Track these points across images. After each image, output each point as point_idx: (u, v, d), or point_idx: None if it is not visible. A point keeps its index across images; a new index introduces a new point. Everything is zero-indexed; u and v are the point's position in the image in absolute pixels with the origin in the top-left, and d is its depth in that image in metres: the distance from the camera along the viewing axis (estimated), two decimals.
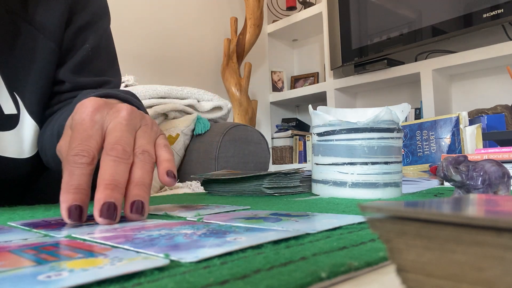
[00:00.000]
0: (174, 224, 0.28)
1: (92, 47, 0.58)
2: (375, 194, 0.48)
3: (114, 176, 0.31)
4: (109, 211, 0.29)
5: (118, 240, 0.22)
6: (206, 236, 0.22)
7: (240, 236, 0.22)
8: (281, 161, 2.60)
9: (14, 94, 0.52)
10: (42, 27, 0.53)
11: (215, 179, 0.61)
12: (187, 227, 0.26)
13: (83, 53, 0.57)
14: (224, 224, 0.27)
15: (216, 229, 0.25)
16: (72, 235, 0.25)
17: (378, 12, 2.02)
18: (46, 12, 0.53)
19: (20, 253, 0.19)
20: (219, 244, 0.20)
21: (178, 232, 0.24)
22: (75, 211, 0.30)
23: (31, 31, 0.52)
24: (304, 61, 2.83)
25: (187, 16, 2.26)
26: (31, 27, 0.52)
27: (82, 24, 0.57)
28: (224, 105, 1.40)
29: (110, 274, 0.15)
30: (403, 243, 0.13)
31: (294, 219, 0.29)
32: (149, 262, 0.17)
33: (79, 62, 0.57)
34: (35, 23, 0.52)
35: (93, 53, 0.58)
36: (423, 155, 0.98)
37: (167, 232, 0.24)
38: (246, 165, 1.27)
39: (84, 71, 0.58)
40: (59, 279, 0.15)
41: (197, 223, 0.28)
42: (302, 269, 0.16)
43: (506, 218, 0.10)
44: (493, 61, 1.73)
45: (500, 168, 0.41)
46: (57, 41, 0.54)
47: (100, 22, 0.60)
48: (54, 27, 0.54)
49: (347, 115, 0.57)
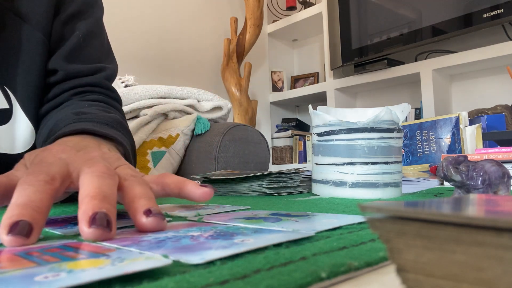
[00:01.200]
0: (181, 226, 0.27)
1: (83, 34, 0.57)
2: (375, 194, 0.48)
3: (101, 188, 0.25)
4: (102, 219, 0.22)
5: (124, 242, 0.22)
6: (213, 238, 0.22)
7: (248, 238, 0.22)
8: (281, 161, 2.60)
9: (4, 88, 0.51)
10: (28, 18, 0.52)
11: (215, 179, 0.61)
12: (194, 229, 0.26)
13: (74, 40, 0.56)
14: (231, 225, 0.27)
15: (224, 231, 0.25)
16: (79, 236, 0.25)
17: (378, 12, 2.02)
18: (33, 2, 0.52)
19: (24, 255, 0.19)
20: (226, 246, 0.20)
21: (185, 234, 0.24)
22: (22, 225, 0.22)
23: (17, 22, 0.51)
24: (304, 61, 2.83)
25: (187, 16, 2.26)
26: (17, 18, 0.51)
27: (71, 13, 0.56)
28: (224, 105, 1.40)
29: (109, 275, 0.15)
30: (403, 243, 0.13)
31: (294, 219, 0.29)
32: (150, 262, 0.17)
33: (71, 49, 0.56)
34: (20, 14, 0.51)
35: (85, 40, 0.57)
36: (423, 155, 0.98)
37: (174, 234, 0.24)
38: (246, 165, 1.27)
39: (77, 58, 0.56)
40: (56, 280, 0.14)
41: (204, 225, 0.28)
42: (302, 269, 0.16)
43: (506, 218, 0.10)
44: (493, 61, 1.73)
45: (500, 168, 0.41)
46: (45, 31, 0.53)
47: (90, 11, 0.59)
48: (41, 17, 0.53)
49: (347, 115, 0.57)
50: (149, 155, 1.20)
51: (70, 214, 0.37)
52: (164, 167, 1.21)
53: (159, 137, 1.24)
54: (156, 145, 1.22)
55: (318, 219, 0.29)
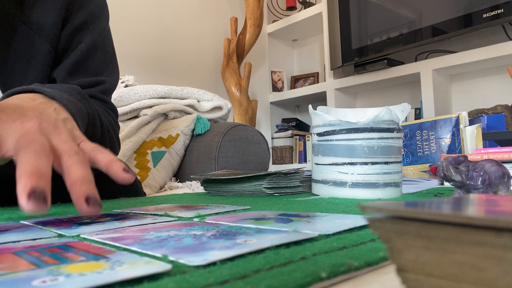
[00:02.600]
0: (183, 225, 0.27)
1: (87, 47, 0.58)
2: (375, 194, 0.48)
3: (38, 166, 0.28)
4: (39, 195, 0.26)
5: (126, 241, 0.22)
6: (215, 238, 0.22)
7: (250, 238, 0.22)
8: (281, 161, 2.60)
9: None
10: (38, 28, 0.53)
11: (215, 179, 0.61)
12: (197, 228, 0.25)
13: (77, 53, 0.57)
14: (234, 225, 0.27)
15: (226, 231, 0.24)
16: (81, 235, 0.25)
17: (378, 12, 2.02)
18: (43, 12, 0.53)
19: (23, 255, 0.19)
20: (228, 247, 0.20)
21: (187, 233, 0.24)
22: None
23: (27, 32, 0.52)
24: (304, 61, 2.83)
25: (187, 16, 2.26)
26: (27, 28, 0.52)
27: (79, 24, 0.57)
28: (224, 105, 1.40)
29: (107, 281, 0.15)
30: (403, 243, 0.13)
31: (305, 219, 0.28)
32: (150, 267, 0.16)
33: (73, 62, 0.56)
34: (31, 24, 0.52)
35: (88, 53, 0.58)
36: (423, 155, 0.98)
37: (176, 233, 0.24)
38: (246, 165, 1.27)
39: (79, 72, 0.57)
40: (54, 285, 0.14)
41: (206, 224, 0.27)
42: (302, 269, 0.16)
43: (506, 218, 0.10)
44: (493, 61, 1.73)
45: (500, 168, 0.41)
46: (52, 42, 0.54)
47: (97, 21, 0.60)
48: (50, 27, 0.53)
49: (347, 115, 0.57)
50: (149, 155, 1.20)
51: (70, 215, 0.37)
52: (164, 167, 1.22)
53: (159, 137, 1.24)
54: (156, 145, 1.22)
55: (331, 219, 0.28)
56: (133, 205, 0.47)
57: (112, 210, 0.41)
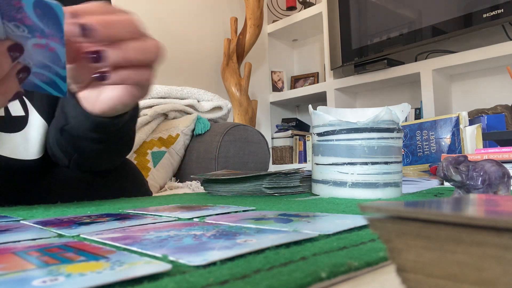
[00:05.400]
0: (183, 225, 0.27)
1: None
2: (375, 194, 0.48)
3: None
4: None
5: (126, 241, 0.22)
6: (215, 238, 0.22)
7: (250, 238, 0.22)
8: (281, 161, 2.60)
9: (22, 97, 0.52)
10: None
11: (215, 179, 0.61)
12: (197, 228, 0.25)
13: None
14: (234, 225, 0.27)
15: (226, 231, 0.24)
16: (81, 235, 0.25)
17: (378, 12, 2.02)
18: None
19: (23, 255, 0.19)
20: (228, 247, 0.20)
21: (188, 233, 0.24)
22: None
23: None
24: (304, 61, 2.83)
25: (187, 16, 2.26)
26: None
27: None
28: (224, 105, 1.40)
29: (107, 281, 0.15)
30: (403, 243, 0.13)
31: (305, 219, 0.28)
32: (150, 267, 0.16)
33: None
34: None
35: None
36: (423, 155, 0.98)
37: (176, 233, 0.24)
38: (246, 165, 1.27)
39: None
40: (54, 285, 0.14)
41: (206, 224, 0.27)
42: (302, 269, 0.16)
43: (506, 218, 0.10)
44: (493, 61, 1.73)
45: (500, 168, 0.41)
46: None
47: None
48: None
49: (347, 115, 0.57)
50: (149, 155, 1.20)
51: (70, 215, 0.37)
52: (164, 167, 1.21)
53: (159, 137, 1.24)
54: (156, 145, 1.22)
55: (331, 219, 0.28)
56: (133, 205, 0.47)
57: (118, 210, 0.41)
